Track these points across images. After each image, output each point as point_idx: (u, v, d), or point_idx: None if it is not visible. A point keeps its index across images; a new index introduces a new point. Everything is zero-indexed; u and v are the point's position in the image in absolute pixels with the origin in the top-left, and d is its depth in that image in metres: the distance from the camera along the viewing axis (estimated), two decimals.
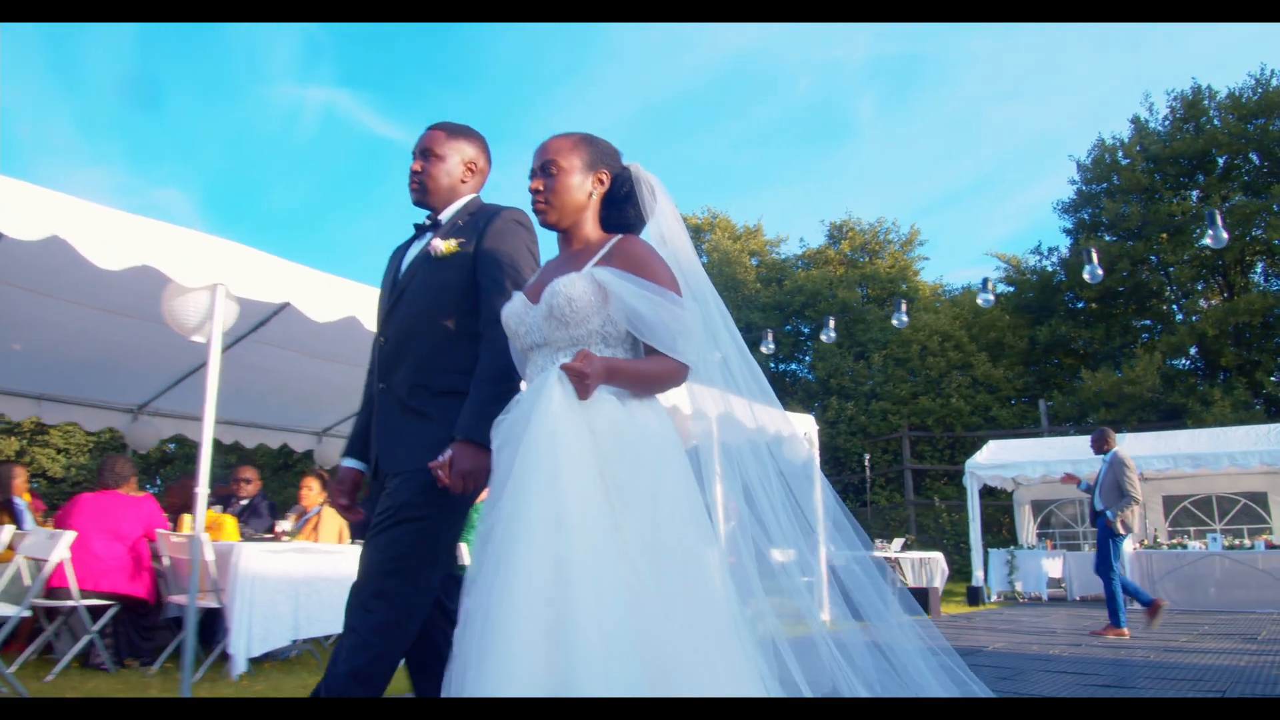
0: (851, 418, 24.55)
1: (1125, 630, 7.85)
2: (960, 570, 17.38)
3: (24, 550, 4.48)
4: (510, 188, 12.57)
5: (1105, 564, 7.99)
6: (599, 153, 2.25)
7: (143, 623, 5.24)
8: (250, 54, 52.10)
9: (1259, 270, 23.09)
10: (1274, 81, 22.30)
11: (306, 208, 56.62)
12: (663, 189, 2.30)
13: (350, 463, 2.56)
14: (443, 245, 2.38)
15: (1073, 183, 25.12)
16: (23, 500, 5.73)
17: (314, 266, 5.16)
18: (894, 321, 14.77)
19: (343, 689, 2.12)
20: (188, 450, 23.24)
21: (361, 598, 2.20)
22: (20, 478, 5.83)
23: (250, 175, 55.55)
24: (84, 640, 4.87)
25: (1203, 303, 21.88)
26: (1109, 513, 7.97)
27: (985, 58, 47.95)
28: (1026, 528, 16.02)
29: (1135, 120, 24.19)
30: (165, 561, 5.24)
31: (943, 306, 27.68)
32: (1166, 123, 23.84)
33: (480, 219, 2.45)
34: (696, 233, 33.77)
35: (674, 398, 6.79)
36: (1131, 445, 13.53)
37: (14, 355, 6.89)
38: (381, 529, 2.23)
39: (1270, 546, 11.91)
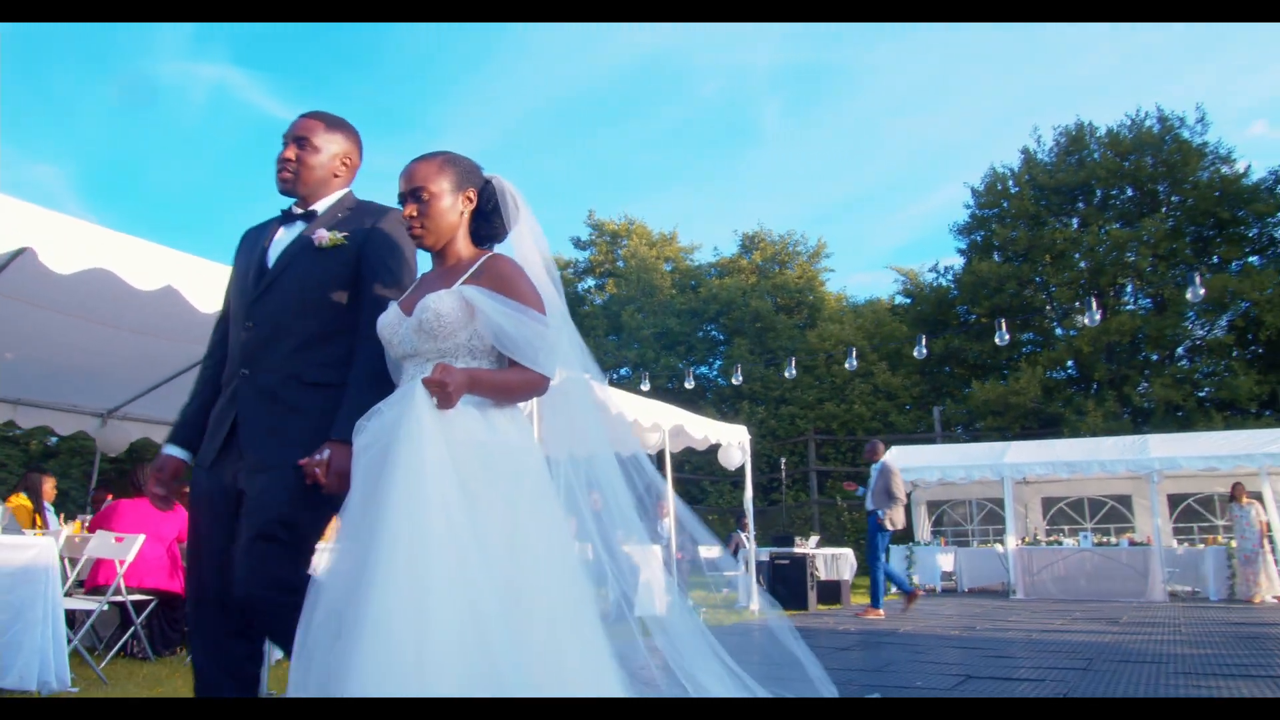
0: (762, 421, 25.84)
1: (881, 611, 9.37)
2: (863, 565, 18.75)
3: (90, 551, 5.00)
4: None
5: (874, 555, 9.48)
6: (464, 172, 2.33)
7: (173, 615, 5.79)
8: (136, 25, 49.63)
9: (1129, 292, 25.34)
10: (1147, 122, 24.58)
11: (194, 191, 53.19)
12: (522, 199, 2.41)
13: (174, 450, 2.46)
14: (329, 237, 2.36)
15: (967, 206, 27.03)
16: (50, 505, 6.16)
17: (201, 254, 4.72)
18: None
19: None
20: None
21: (244, 606, 2.19)
22: (49, 484, 6.24)
23: (132, 155, 52.33)
24: (130, 631, 5.41)
25: (1084, 319, 23.87)
26: (879, 512, 9.32)
27: (885, 70, 50.25)
28: (923, 526, 17.48)
29: (1025, 151, 26.23)
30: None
31: (846, 316, 29.29)
32: (1052, 155, 25.92)
33: (365, 216, 2.44)
34: (614, 239, 34.65)
35: (635, 411, 7.61)
36: (1016, 452, 15.09)
37: None
38: (257, 538, 2.18)
39: (1133, 544, 13.52)
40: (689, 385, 19.21)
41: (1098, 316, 17.14)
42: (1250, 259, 23.73)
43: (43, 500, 6.08)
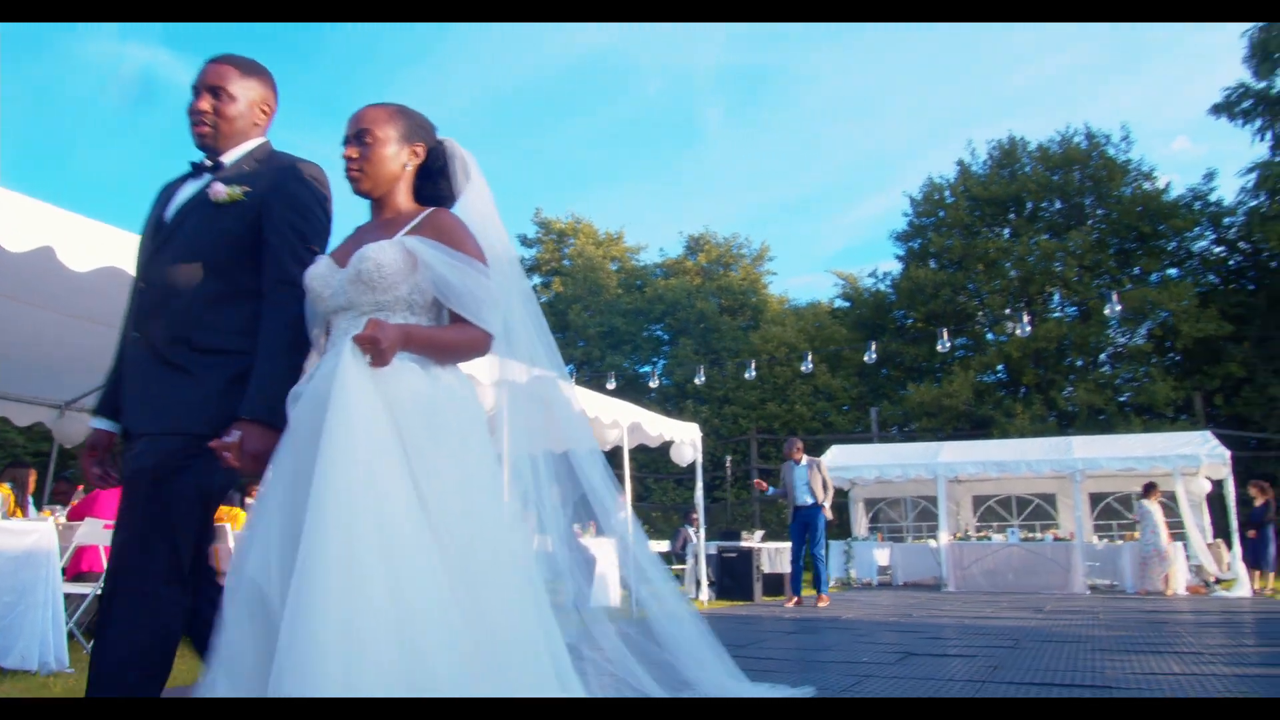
0: (706, 420, 26.36)
1: (827, 598, 9.93)
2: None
3: (79, 539, 5.17)
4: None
5: (821, 545, 9.99)
6: (414, 125, 2.22)
7: None
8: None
9: (1056, 300, 26.47)
10: (1075, 139, 25.75)
11: (121, 174, 51.06)
12: (476, 166, 2.31)
13: (101, 423, 2.30)
14: (225, 191, 2.18)
15: (906, 215, 27.99)
16: (31, 498, 6.28)
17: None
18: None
19: (120, 679, 1.99)
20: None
21: (120, 579, 2.04)
22: (32, 477, 6.35)
23: (57, 135, 50.45)
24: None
25: (1017, 330, 24.90)
26: (825, 505, 9.85)
27: (825, 76, 51.64)
28: (860, 522, 18.14)
29: (960, 163, 27.26)
30: None
31: (788, 319, 30.02)
32: (986, 167, 26.97)
33: (271, 168, 2.26)
34: (561, 238, 34.92)
35: (595, 408, 7.94)
36: (950, 452, 15.81)
37: None
38: (132, 502, 2.06)
39: (1057, 539, 14.31)
40: (653, 385, 19.64)
41: (1028, 328, 18.03)
42: (1169, 271, 25.05)
43: (26, 493, 6.20)
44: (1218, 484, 13.89)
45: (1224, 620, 8.13)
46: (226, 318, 2.16)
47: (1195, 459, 13.55)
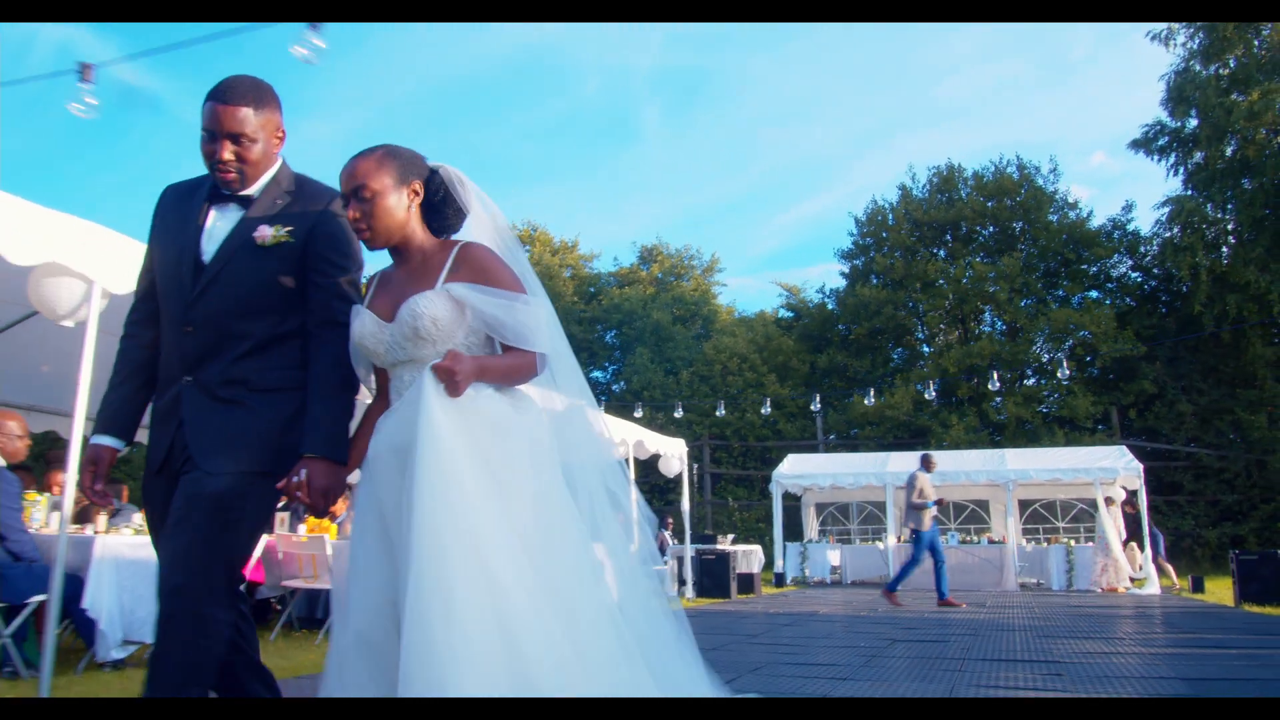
0: (662, 427, 27.58)
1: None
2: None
3: None
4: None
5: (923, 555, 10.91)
6: (405, 164, 2.22)
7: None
8: None
9: (986, 317, 28.38)
10: (1008, 169, 27.73)
11: (38, 155, 49.96)
12: (471, 183, 2.33)
13: (109, 440, 2.30)
14: (271, 235, 2.20)
15: (850, 234, 29.67)
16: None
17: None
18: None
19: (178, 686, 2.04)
20: None
21: (179, 601, 2.07)
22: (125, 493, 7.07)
23: None
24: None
25: (950, 344, 26.71)
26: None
27: (760, 80, 53.18)
28: (811, 525, 19.57)
29: (902, 188, 29.04)
30: (280, 554, 6.88)
31: (738, 329, 31.44)
32: (926, 191, 28.78)
33: (306, 202, 2.29)
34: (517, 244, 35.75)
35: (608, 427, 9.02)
36: (896, 462, 17.29)
37: None
38: (193, 525, 2.08)
39: (991, 542, 15.90)
40: (613, 390, 20.57)
41: (958, 347, 19.60)
42: (1090, 293, 27.15)
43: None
44: (1132, 493, 15.61)
45: (1137, 613, 9.64)
46: (279, 356, 2.24)
47: (1113, 471, 15.25)
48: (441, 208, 2.29)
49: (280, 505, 2.47)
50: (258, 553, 6.33)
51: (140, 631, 4.93)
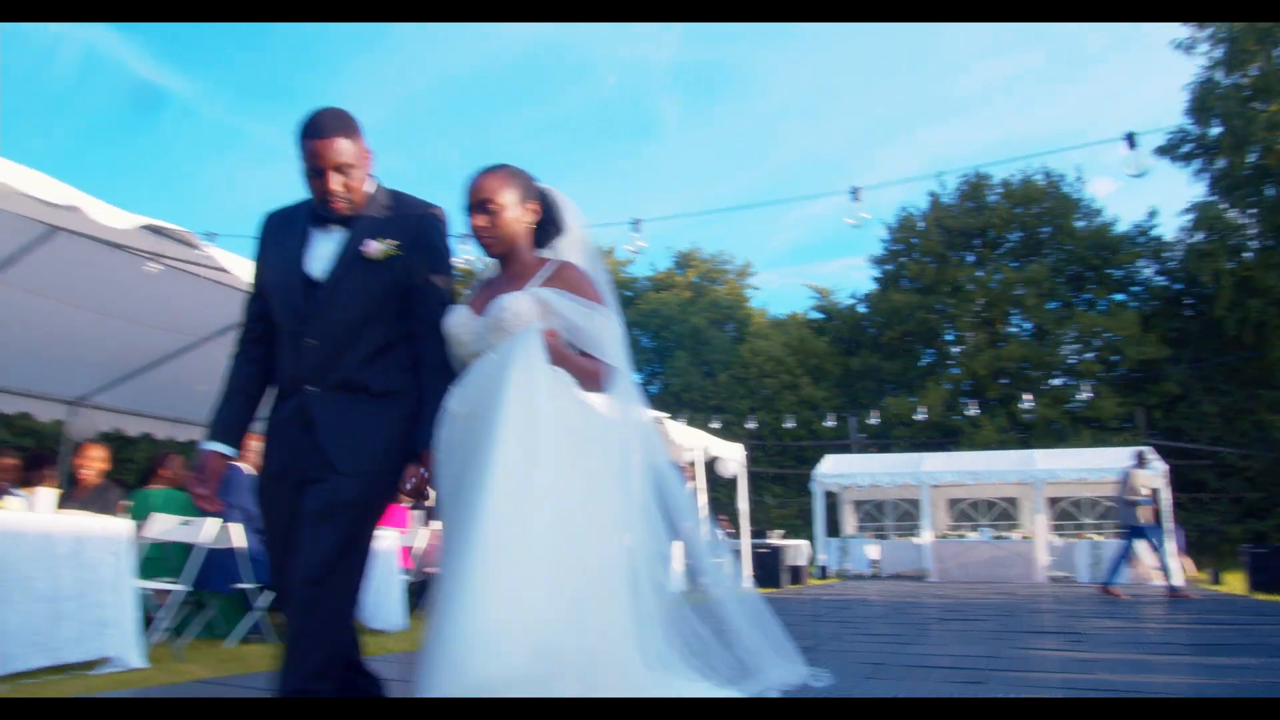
0: (701, 428, 28.75)
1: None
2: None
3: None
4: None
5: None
6: (526, 184, 2.42)
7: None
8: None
9: (1015, 320, 29.32)
10: (1036, 178, 28.63)
11: (63, 155, 51.65)
12: (574, 208, 2.53)
13: (221, 448, 2.45)
14: (380, 249, 2.35)
15: (882, 241, 30.69)
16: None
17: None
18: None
19: (316, 693, 2.15)
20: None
21: (319, 600, 2.20)
22: None
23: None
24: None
25: (979, 347, 27.69)
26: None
27: (777, 74, 53.78)
28: (849, 521, 20.68)
29: (932, 195, 30.05)
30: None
31: (772, 333, 32.52)
32: (955, 198, 29.74)
33: (406, 215, 2.44)
34: None
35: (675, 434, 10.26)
36: (931, 461, 18.37)
37: None
38: (332, 530, 2.22)
39: (1023, 538, 16.96)
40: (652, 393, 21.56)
41: (988, 350, 20.59)
42: (1116, 297, 28.01)
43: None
44: (1154, 491, 16.56)
45: (1154, 600, 10.69)
46: (393, 362, 2.40)
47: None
48: (545, 225, 2.50)
49: (411, 505, 2.87)
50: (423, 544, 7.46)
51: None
